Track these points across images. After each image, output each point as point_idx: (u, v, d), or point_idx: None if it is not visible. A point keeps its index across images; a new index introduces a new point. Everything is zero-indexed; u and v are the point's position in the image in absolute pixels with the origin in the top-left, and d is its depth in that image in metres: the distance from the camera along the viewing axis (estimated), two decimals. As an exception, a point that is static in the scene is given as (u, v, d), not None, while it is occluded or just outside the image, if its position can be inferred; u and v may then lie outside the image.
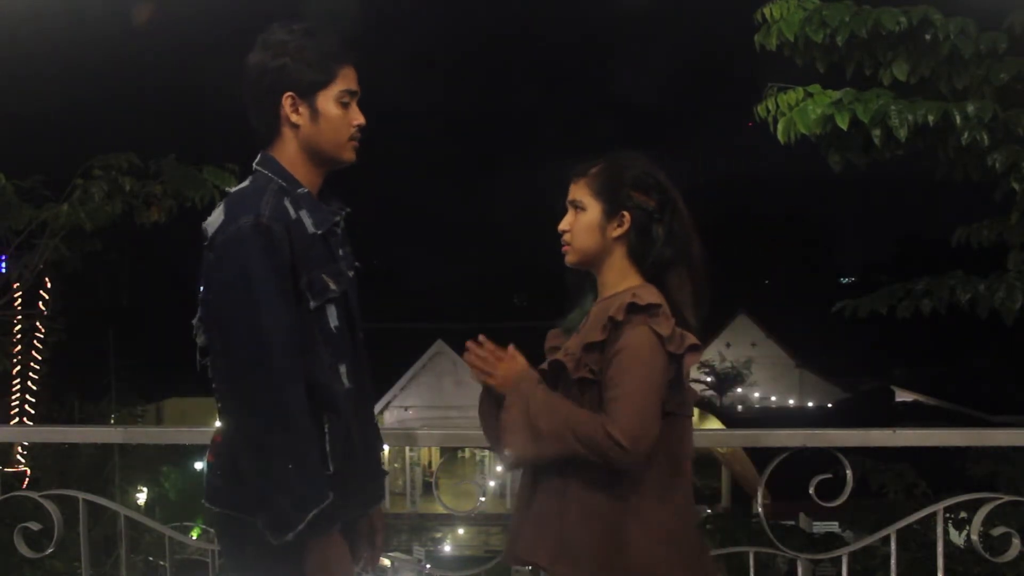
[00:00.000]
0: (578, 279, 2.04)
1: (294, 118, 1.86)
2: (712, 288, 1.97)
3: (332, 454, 1.85)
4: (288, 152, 1.89)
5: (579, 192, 1.96)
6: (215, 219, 1.83)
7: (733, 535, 7.38)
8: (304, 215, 1.85)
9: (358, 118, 1.92)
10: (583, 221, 1.94)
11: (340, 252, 1.94)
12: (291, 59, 1.85)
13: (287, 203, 1.83)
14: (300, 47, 1.86)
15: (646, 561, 1.84)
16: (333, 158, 1.92)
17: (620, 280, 1.93)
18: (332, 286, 1.87)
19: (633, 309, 1.82)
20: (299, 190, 1.87)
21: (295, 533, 1.73)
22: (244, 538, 1.84)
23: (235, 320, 1.76)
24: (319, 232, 1.86)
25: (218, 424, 1.94)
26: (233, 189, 1.93)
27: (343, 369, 1.89)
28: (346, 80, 1.89)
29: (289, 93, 1.85)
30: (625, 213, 1.91)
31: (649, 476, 1.85)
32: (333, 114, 1.88)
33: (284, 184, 1.86)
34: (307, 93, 1.86)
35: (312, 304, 1.82)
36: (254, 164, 1.93)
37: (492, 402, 2.00)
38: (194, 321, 1.92)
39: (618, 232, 1.92)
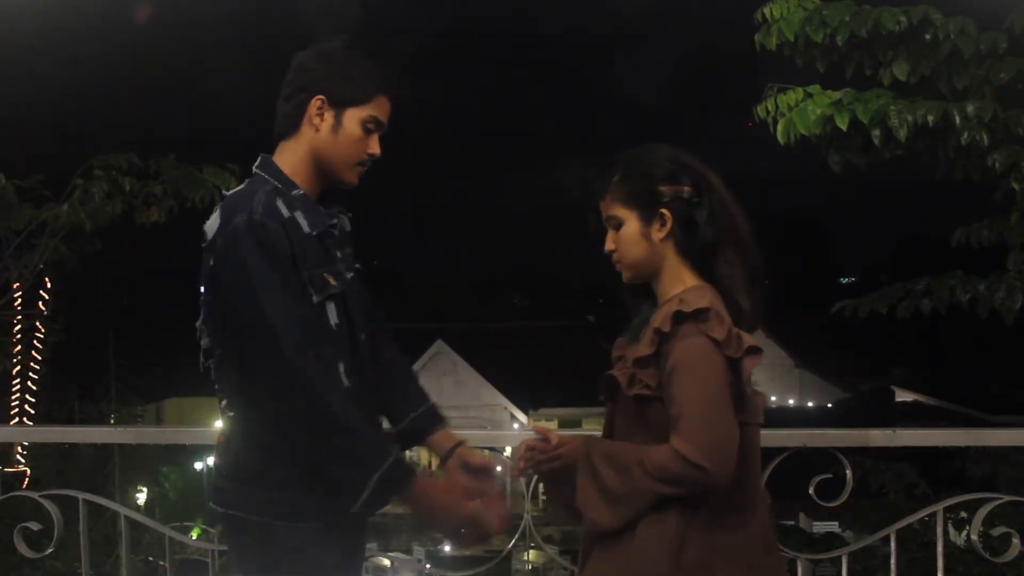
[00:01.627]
0: (632, 289, 1.92)
1: (316, 121, 1.89)
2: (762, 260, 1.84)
3: None
4: (296, 154, 1.92)
5: (610, 208, 1.84)
6: (212, 223, 1.86)
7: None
8: (299, 215, 1.86)
9: (374, 148, 1.93)
10: (625, 235, 1.83)
11: (338, 254, 1.94)
12: (335, 67, 1.89)
13: (279, 203, 1.84)
14: (348, 61, 1.90)
15: None
16: (336, 175, 1.94)
17: (675, 283, 1.81)
18: (332, 282, 1.87)
19: (680, 318, 1.70)
20: (295, 192, 1.88)
21: (363, 501, 1.74)
22: (249, 539, 1.85)
23: (246, 318, 1.77)
24: (314, 233, 1.88)
25: (220, 425, 1.94)
26: (230, 192, 1.95)
27: (341, 367, 1.88)
28: (378, 109, 1.92)
29: (320, 96, 1.88)
30: (664, 211, 1.79)
31: (718, 495, 1.70)
32: (354, 133, 1.90)
33: (279, 186, 1.88)
34: (337, 104, 1.89)
35: (315, 298, 1.83)
36: (254, 167, 1.95)
37: (558, 487, 1.88)
38: (198, 324, 1.93)
39: (663, 232, 1.80)
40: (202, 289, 1.89)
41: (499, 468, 2.08)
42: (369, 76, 1.91)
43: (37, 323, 9.82)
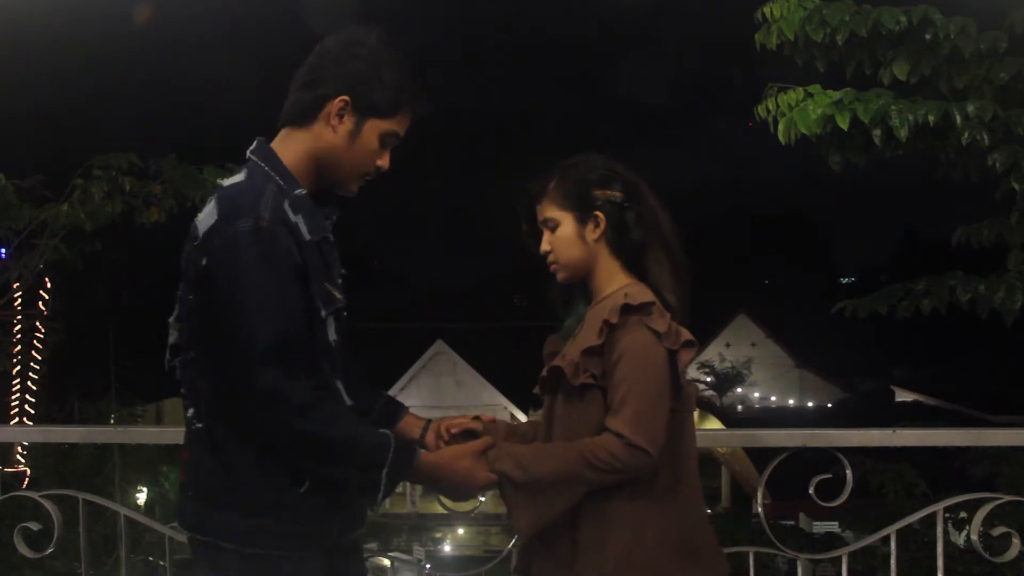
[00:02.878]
0: (564, 287, 2.02)
1: (334, 121, 1.75)
2: (690, 261, 1.95)
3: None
4: (301, 148, 1.78)
5: (547, 210, 1.94)
6: (207, 217, 1.70)
7: (733, 535, 7.37)
8: (300, 221, 1.71)
9: (385, 162, 1.83)
10: (561, 236, 1.93)
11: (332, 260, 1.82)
12: (371, 70, 1.76)
13: (286, 206, 1.70)
14: (384, 65, 1.77)
15: (660, 572, 1.81)
16: (339, 181, 1.82)
17: (610, 281, 1.92)
18: (337, 295, 1.76)
19: (627, 310, 1.82)
20: (296, 191, 1.74)
21: (382, 493, 1.71)
22: (222, 567, 1.73)
23: (234, 332, 1.64)
24: (314, 240, 1.73)
25: (185, 437, 1.82)
26: (227, 182, 1.77)
27: (340, 386, 1.80)
28: (401, 124, 1.81)
29: (346, 97, 1.75)
30: (597, 213, 1.90)
31: (657, 480, 1.83)
32: (370, 145, 1.78)
33: (281, 183, 1.73)
34: (362, 111, 1.76)
35: (323, 313, 1.72)
36: (249, 151, 1.79)
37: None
38: (170, 320, 1.82)
39: (597, 234, 1.91)
40: (181, 285, 1.77)
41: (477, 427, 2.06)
42: (401, 88, 1.77)
43: (37, 323, 9.84)
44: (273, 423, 1.65)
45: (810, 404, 31.54)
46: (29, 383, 10.24)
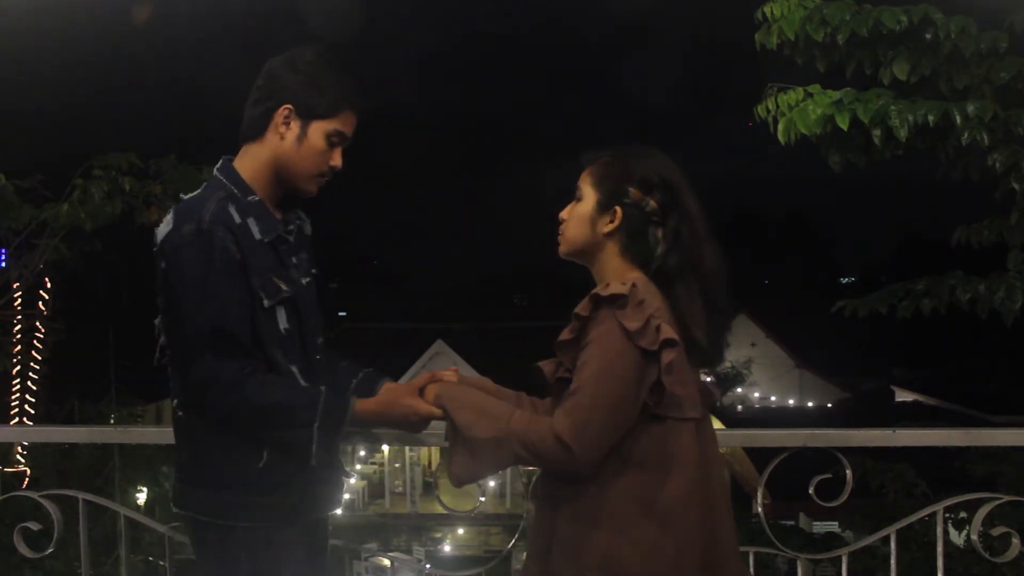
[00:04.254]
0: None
1: (282, 129, 1.92)
2: (729, 298, 1.81)
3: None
4: (258, 159, 1.95)
5: (583, 180, 1.86)
6: (164, 227, 1.89)
7: (733, 535, 7.35)
8: (251, 222, 1.89)
9: (337, 161, 1.97)
10: (578, 211, 1.85)
11: (293, 260, 1.98)
12: (306, 78, 1.91)
13: (232, 209, 1.88)
14: (319, 72, 1.92)
15: None
16: (296, 184, 1.96)
17: (615, 280, 1.76)
18: (283, 287, 1.91)
19: (596, 301, 1.70)
20: (250, 198, 1.92)
21: (315, 446, 1.83)
22: (207, 539, 1.91)
23: (180, 327, 1.84)
24: (265, 240, 1.90)
25: (173, 426, 2.01)
26: (187, 197, 1.96)
27: (295, 370, 1.93)
28: (344, 123, 1.95)
29: (288, 105, 1.91)
30: (617, 209, 1.79)
31: (642, 496, 1.69)
32: (317, 146, 1.93)
33: (235, 191, 1.91)
34: (304, 115, 1.92)
35: (266, 303, 1.87)
36: (214, 169, 1.98)
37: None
38: (156, 322, 1.98)
39: (609, 228, 1.80)
40: (158, 292, 1.93)
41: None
42: (339, 90, 1.93)
43: (37, 323, 9.82)
44: (209, 403, 1.85)
45: (810, 404, 31.56)
46: (29, 383, 10.23)
